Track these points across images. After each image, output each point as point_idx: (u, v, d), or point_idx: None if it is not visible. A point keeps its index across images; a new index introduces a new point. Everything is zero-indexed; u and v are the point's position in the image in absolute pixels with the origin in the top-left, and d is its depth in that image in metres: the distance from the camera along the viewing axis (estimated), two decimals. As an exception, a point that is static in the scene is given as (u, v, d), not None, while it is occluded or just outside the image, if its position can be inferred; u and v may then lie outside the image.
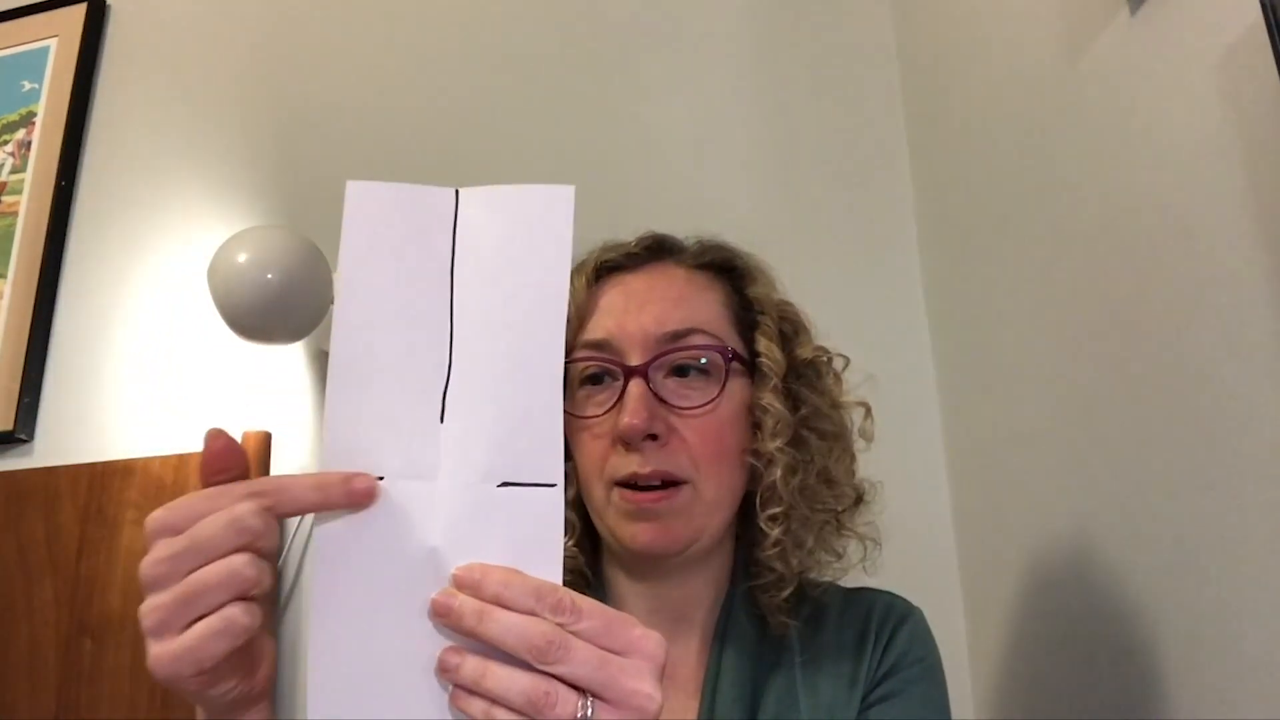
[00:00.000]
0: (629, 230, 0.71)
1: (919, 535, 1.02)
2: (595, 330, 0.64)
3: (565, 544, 0.62)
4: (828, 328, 1.10)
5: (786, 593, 0.63)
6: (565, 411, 0.60)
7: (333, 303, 1.12)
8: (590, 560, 0.67)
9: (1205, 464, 0.58)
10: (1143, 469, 0.65)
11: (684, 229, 0.72)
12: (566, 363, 0.62)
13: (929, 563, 1.01)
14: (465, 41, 1.32)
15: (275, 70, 1.37)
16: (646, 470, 0.60)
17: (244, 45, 1.40)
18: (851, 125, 1.18)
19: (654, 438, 0.60)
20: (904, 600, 0.69)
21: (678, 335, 0.62)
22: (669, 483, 0.60)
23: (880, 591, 0.69)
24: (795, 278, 1.13)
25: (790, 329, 0.68)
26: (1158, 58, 0.61)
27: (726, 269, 0.69)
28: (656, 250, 0.68)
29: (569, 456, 0.64)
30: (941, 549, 1.01)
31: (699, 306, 0.65)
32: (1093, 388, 0.72)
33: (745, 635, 0.64)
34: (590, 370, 0.63)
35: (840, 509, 0.66)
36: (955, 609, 0.99)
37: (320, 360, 1.21)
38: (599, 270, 0.66)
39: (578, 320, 0.64)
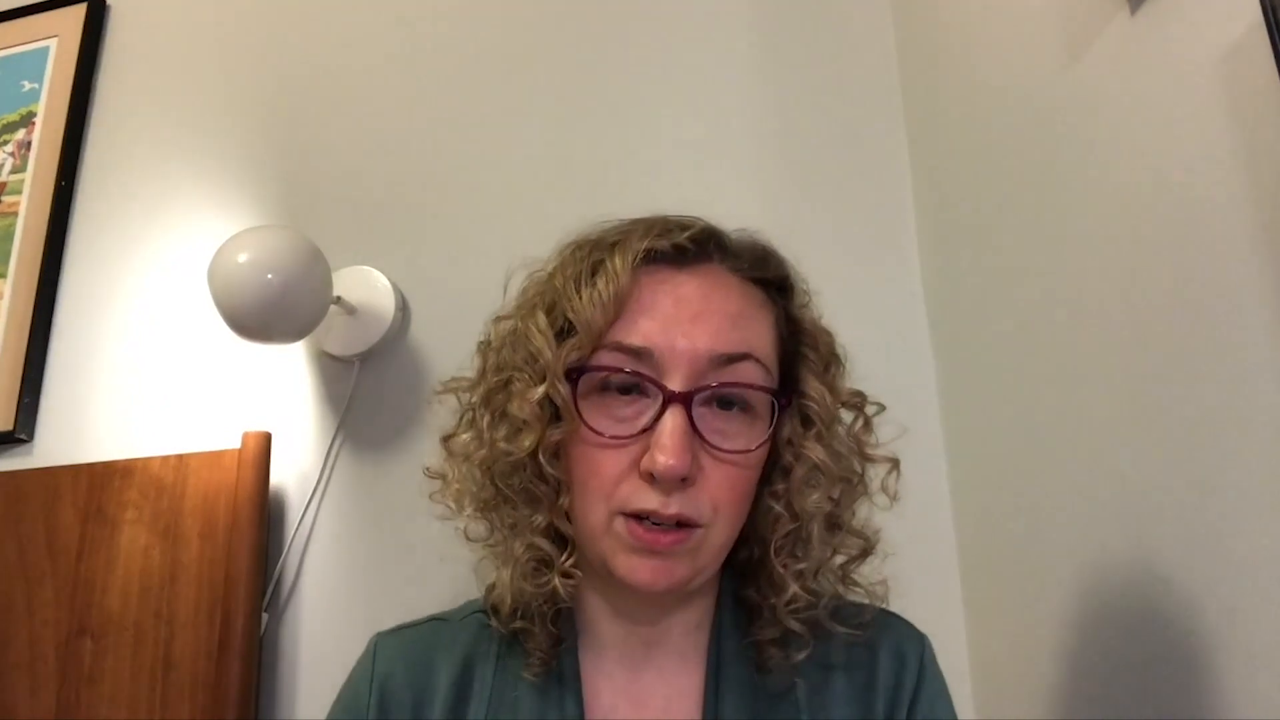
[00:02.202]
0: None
1: (919, 537, 1.02)
2: (634, 333, 0.55)
3: (564, 563, 0.58)
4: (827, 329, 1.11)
5: (803, 656, 0.59)
6: (579, 418, 0.55)
7: (333, 303, 1.12)
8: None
9: (1206, 464, 0.58)
10: (1144, 469, 0.65)
11: None
12: (593, 366, 0.56)
13: (929, 565, 1.01)
14: (466, 43, 1.32)
15: (276, 70, 1.37)
16: (669, 512, 0.53)
17: (244, 45, 1.40)
18: (851, 125, 1.18)
19: (683, 479, 0.54)
20: (911, 634, 0.65)
21: (731, 359, 0.56)
22: (683, 524, 0.55)
23: (882, 622, 0.64)
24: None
25: (829, 364, 0.63)
26: (1158, 58, 0.61)
27: (779, 286, 0.63)
28: (709, 248, 0.60)
29: (561, 459, 0.58)
30: (942, 551, 1.01)
31: (753, 329, 0.58)
32: (1092, 386, 0.72)
33: (740, 671, 0.60)
34: (620, 382, 0.56)
35: (846, 559, 0.63)
36: (955, 610, 0.99)
37: (320, 360, 1.21)
38: (645, 257, 0.57)
39: (614, 309, 0.55)
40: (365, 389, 1.18)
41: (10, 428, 1.24)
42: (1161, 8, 0.61)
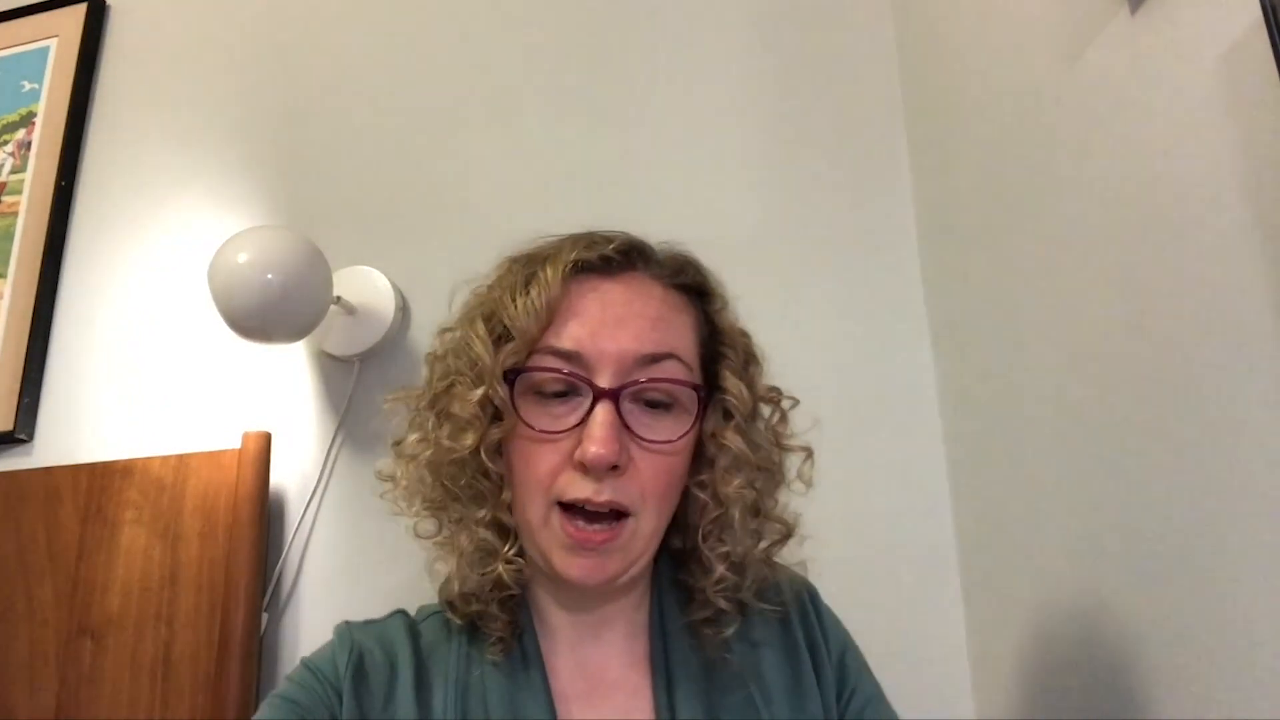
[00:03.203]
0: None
1: (919, 537, 1.02)
2: (565, 338, 0.60)
3: (507, 552, 0.62)
4: (827, 332, 1.11)
5: (731, 630, 0.64)
6: (517, 415, 0.59)
7: (333, 303, 1.12)
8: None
9: (1206, 463, 0.58)
10: (1144, 468, 0.65)
11: (684, 233, 0.70)
12: (528, 368, 0.60)
13: (929, 565, 1.01)
14: (466, 45, 1.32)
15: (275, 70, 1.37)
16: (601, 499, 0.58)
17: (244, 45, 1.40)
18: (851, 126, 1.18)
19: (614, 467, 0.58)
20: (801, 584, 0.71)
21: (654, 359, 0.60)
22: (615, 513, 0.59)
23: (777, 573, 0.70)
24: (795, 281, 1.14)
25: (747, 362, 0.67)
26: (1158, 58, 0.61)
27: (699, 292, 0.67)
28: (633, 258, 0.65)
29: (503, 457, 0.62)
30: (942, 551, 1.01)
31: (674, 330, 0.63)
32: (1092, 388, 0.72)
33: (683, 646, 0.65)
34: (555, 386, 0.60)
35: (769, 543, 0.67)
36: (955, 610, 0.99)
37: (320, 360, 1.21)
38: (575, 267, 0.62)
39: (546, 316, 0.60)
40: (365, 389, 1.18)
41: (10, 428, 1.24)
42: (1161, 8, 0.61)
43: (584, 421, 0.58)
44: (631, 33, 1.28)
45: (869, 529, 1.01)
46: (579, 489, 0.58)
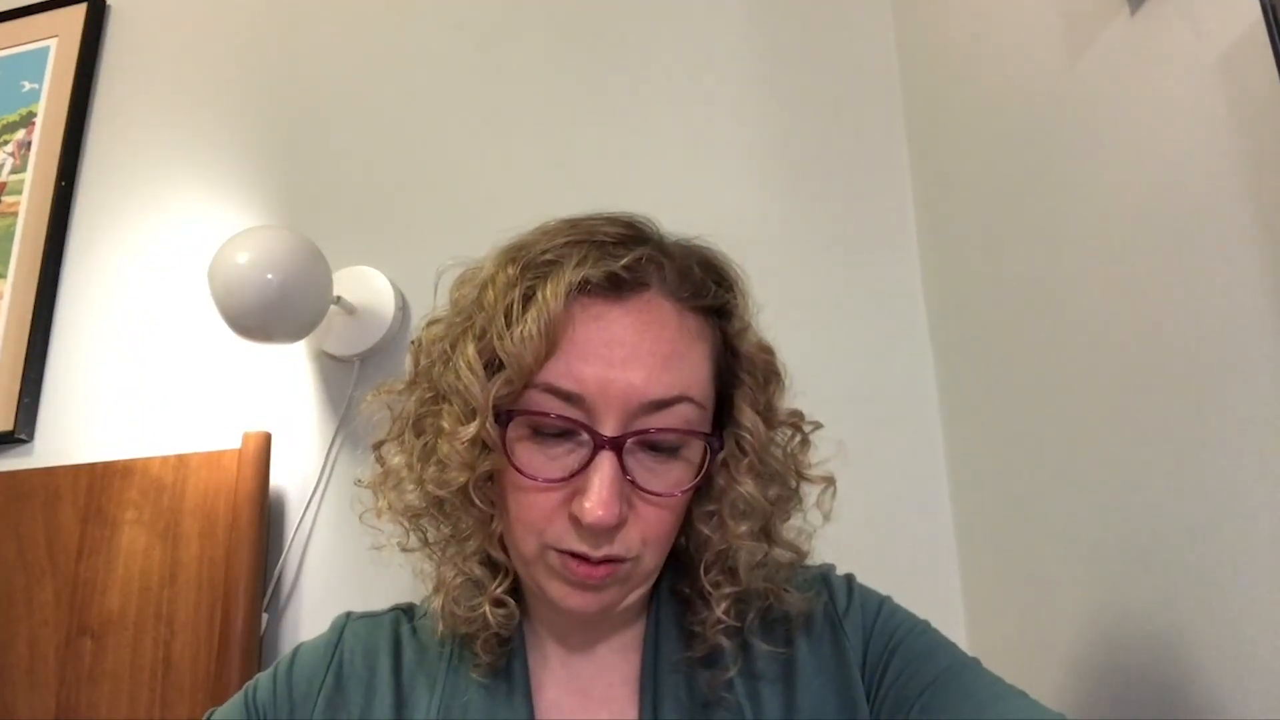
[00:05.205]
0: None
1: (919, 537, 1.02)
2: (566, 377, 0.53)
3: (497, 591, 0.59)
4: (827, 332, 1.11)
5: (731, 673, 0.59)
6: (509, 461, 0.54)
7: (333, 303, 1.12)
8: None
9: (1206, 462, 0.58)
10: (1144, 468, 0.65)
11: (682, 233, 0.69)
12: (524, 411, 0.54)
13: (929, 565, 1.01)
14: (466, 47, 1.32)
15: (276, 70, 1.37)
16: (598, 555, 0.54)
17: (244, 45, 1.40)
18: (852, 125, 1.18)
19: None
20: (807, 598, 0.63)
21: (663, 404, 0.54)
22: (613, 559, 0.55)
23: (785, 602, 0.63)
24: (795, 281, 1.14)
25: (767, 382, 0.61)
26: (1158, 58, 0.61)
27: (720, 313, 0.60)
28: (647, 275, 0.57)
29: (494, 484, 0.57)
30: (942, 551, 1.02)
31: (689, 366, 0.56)
32: (1091, 387, 0.72)
33: (676, 664, 0.61)
34: (554, 428, 0.54)
35: (775, 570, 0.62)
36: (955, 610, 0.99)
37: (320, 360, 1.21)
38: (580, 288, 0.55)
39: (544, 348, 0.53)
40: (365, 389, 1.18)
41: (10, 428, 1.24)
42: (1161, 8, 0.61)
43: (582, 470, 0.53)
44: (630, 32, 1.28)
45: (868, 529, 1.01)
46: (574, 542, 0.54)
